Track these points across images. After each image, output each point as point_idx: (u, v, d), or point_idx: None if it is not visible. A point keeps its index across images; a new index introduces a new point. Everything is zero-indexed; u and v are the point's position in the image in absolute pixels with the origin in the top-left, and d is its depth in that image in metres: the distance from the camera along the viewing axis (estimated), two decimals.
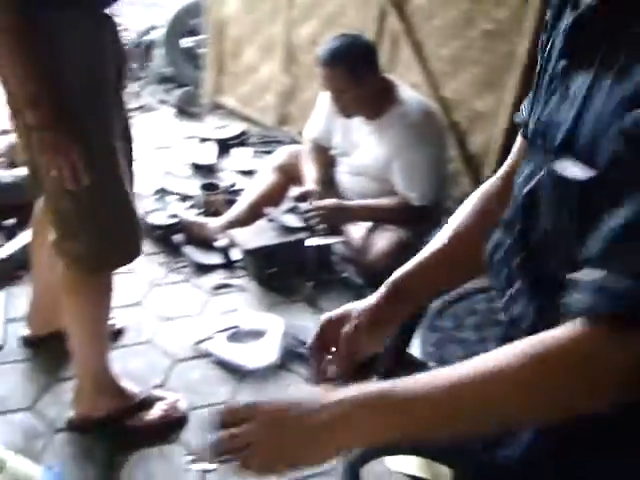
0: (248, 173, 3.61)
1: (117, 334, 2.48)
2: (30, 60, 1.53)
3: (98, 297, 1.92)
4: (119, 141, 1.79)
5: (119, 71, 1.82)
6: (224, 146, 3.87)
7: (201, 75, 4.41)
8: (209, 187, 3.31)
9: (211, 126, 4.16)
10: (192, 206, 3.25)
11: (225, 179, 3.56)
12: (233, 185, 3.45)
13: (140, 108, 4.53)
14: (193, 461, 0.91)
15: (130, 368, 2.30)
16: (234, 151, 3.88)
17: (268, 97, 4.06)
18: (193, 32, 4.64)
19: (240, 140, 3.95)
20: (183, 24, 4.62)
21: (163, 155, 3.81)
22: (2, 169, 3.00)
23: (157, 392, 2.18)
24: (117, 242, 1.84)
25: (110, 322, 2.41)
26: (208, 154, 3.72)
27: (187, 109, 4.38)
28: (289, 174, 3.08)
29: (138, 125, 4.16)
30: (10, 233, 2.85)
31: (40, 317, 2.28)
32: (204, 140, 3.90)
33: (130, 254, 1.90)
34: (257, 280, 2.85)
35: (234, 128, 4.06)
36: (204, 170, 3.62)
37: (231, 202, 3.17)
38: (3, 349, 2.34)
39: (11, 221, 2.89)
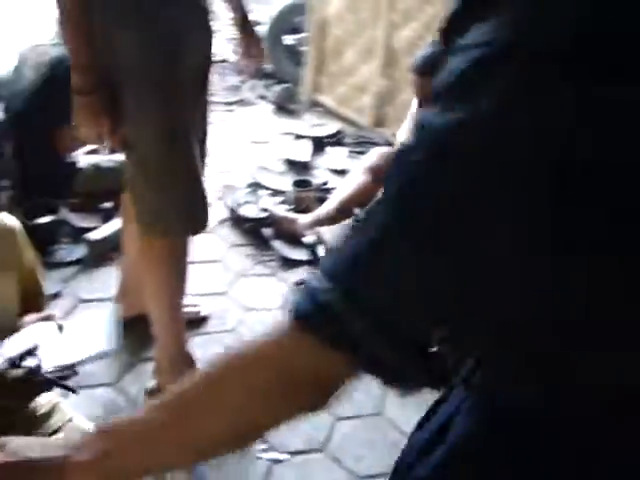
0: (341, 172, 3.62)
1: (201, 321, 2.56)
2: (81, 27, 1.67)
3: (167, 264, 1.99)
4: (191, 125, 1.87)
5: (207, 59, 1.88)
6: (319, 144, 3.90)
7: (301, 73, 4.45)
8: (301, 184, 3.34)
9: (308, 124, 4.20)
10: (283, 201, 3.30)
11: (318, 177, 3.59)
12: (325, 183, 3.48)
13: (239, 102, 4.62)
14: None
15: (210, 355, 2.36)
16: (329, 150, 3.90)
17: (365, 98, 4.07)
18: (296, 30, 4.69)
19: (335, 139, 3.97)
20: (287, 21, 4.68)
21: (259, 150, 3.87)
22: (103, 154, 3.13)
23: None
24: (180, 212, 1.91)
25: (195, 309, 2.51)
26: (303, 151, 3.77)
27: (285, 106, 4.43)
28: (380, 175, 3.08)
29: (236, 118, 4.27)
30: (106, 216, 2.98)
31: (128, 299, 2.37)
32: (300, 137, 3.94)
33: (193, 226, 1.99)
34: None
35: (330, 127, 4.09)
36: (298, 167, 3.67)
37: (322, 200, 3.19)
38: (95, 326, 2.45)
39: (108, 204, 3.01)
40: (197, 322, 2.54)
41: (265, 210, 3.16)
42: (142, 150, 1.83)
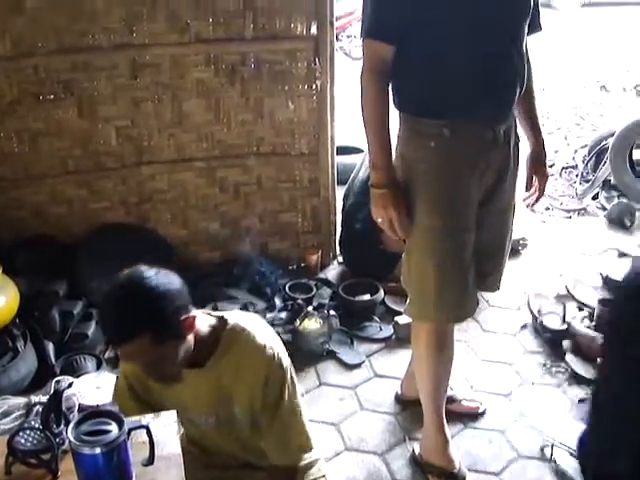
0: None
1: (476, 416, 2.87)
2: (379, 136, 2.15)
3: (433, 350, 2.41)
4: (469, 231, 2.24)
5: (499, 174, 2.26)
6: None
7: None
8: (609, 302, 3.46)
9: (636, 242, 4.27)
10: (588, 317, 3.45)
11: None
12: None
13: (579, 210, 4.85)
14: None
15: (474, 449, 2.68)
16: None
17: None
18: None
19: None
20: (635, 135, 4.80)
21: (581, 261, 4.06)
22: None
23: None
24: (437, 300, 2.28)
25: (474, 404, 2.85)
26: (621, 270, 3.85)
27: (620, 220, 4.54)
28: None
29: (571, 227, 4.51)
30: None
31: (409, 381, 2.79)
32: (623, 255, 4.03)
33: (449, 315, 2.35)
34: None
35: None
36: (612, 284, 3.76)
37: None
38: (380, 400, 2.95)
39: None
40: (472, 416, 2.86)
41: (567, 323, 3.35)
42: (418, 245, 2.26)
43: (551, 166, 5.43)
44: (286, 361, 1.90)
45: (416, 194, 2.20)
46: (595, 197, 4.98)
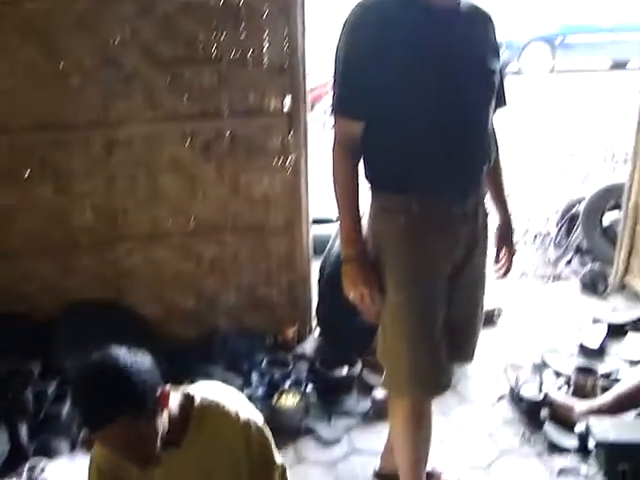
0: (636, 363, 3.68)
1: None
2: (349, 211, 2.20)
3: (410, 426, 2.41)
4: (440, 306, 2.27)
5: (468, 249, 2.29)
6: (619, 330, 3.99)
7: (614, 253, 4.62)
8: (585, 370, 3.50)
9: (610, 307, 4.33)
10: (566, 384, 3.48)
11: (609, 364, 3.69)
12: (613, 372, 3.57)
13: (555, 276, 4.93)
14: None
15: None
16: (629, 336, 3.97)
17: None
18: (616, 209, 4.90)
19: (637, 326, 4.03)
20: (605, 201, 4.92)
21: (555, 328, 4.10)
22: None
23: None
24: (410, 376, 2.29)
25: (453, 478, 2.84)
26: (596, 336, 3.90)
27: (594, 285, 4.61)
28: None
29: (547, 293, 4.57)
30: None
31: (388, 457, 2.78)
32: (597, 321, 4.08)
33: (423, 390, 2.36)
34: (606, 475, 2.93)
35: (633, 313, 4.16)
36: (587, 351, 3.81)
37: (606, 389, 3.32)
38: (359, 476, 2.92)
39: None
40: None
41: (544, 392, 3.37)
42: (388, 320, 2.28)
43: (525, 233, 5.54)
44: (260, 420, 1.95)
45: (386, 269, 2.24)
46: (569, 262, 5.07)
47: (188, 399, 1.88)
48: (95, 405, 1.65)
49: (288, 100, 3.59)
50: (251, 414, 1.91)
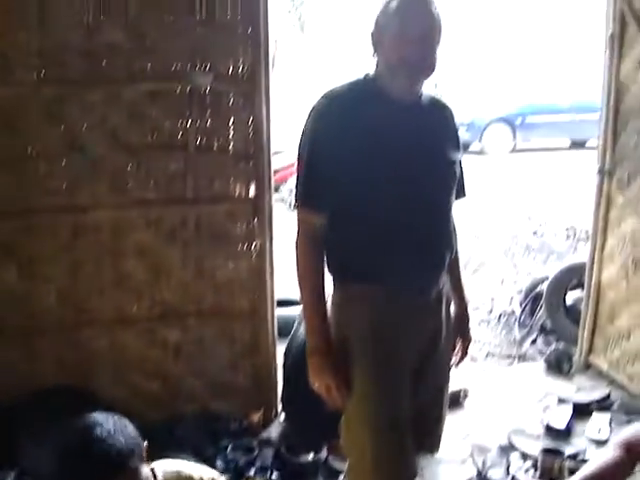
0: (603, 443, 3.70)
1: None
2: (313, 302, 2.21)
3: None
4: (405, 397, 2.25)
5: (433, 338, 2.32)
6: (584, 410, 4.02)
7: (578, 332, 4.69)
8: (552, 452, 3.51)
9: (575, 387, 4.37)
10: (533, 467, 3.48)
11: (575, 445, 3.70)
12: (580, 453, 3.58)
13: (519, 357, 4.98)
14: None
15: None
16: (595, 416, 4.00)
17: (637, 365, 4.16)
18: (579, 288, 5.00)
19: (602, 405, 4.07)
20: (568, 280, 5.03)
21: (520, 409, 4.12)
22: None
23: None
24: (375, 468, 2.23)
25: None
26: (562, 417, 3.93)
27: (559, 364, 4.65)
28: (635, 453, 3.11)
29: (511, 374, 4.61)
30: None
31: None
32: (562, 401, 4.12)
33: None
34: None
35: (598, 392, 4.21)
36: (554, 432, 3.82)
37: (573, 471, 3.32)
38: None
39: None
40: None
41: (511, 475, 3.37)
42: (353, 411, 2.25)
43: (489, 312, 5.61)
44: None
45: (351, 361, 2.23)
46: (534, 342, 5.14)
47: (152, 474, 1.96)
48: (105, 452, 1.80)
49: (253, 186, 3.66)
50: (215, 475, 1.95)
